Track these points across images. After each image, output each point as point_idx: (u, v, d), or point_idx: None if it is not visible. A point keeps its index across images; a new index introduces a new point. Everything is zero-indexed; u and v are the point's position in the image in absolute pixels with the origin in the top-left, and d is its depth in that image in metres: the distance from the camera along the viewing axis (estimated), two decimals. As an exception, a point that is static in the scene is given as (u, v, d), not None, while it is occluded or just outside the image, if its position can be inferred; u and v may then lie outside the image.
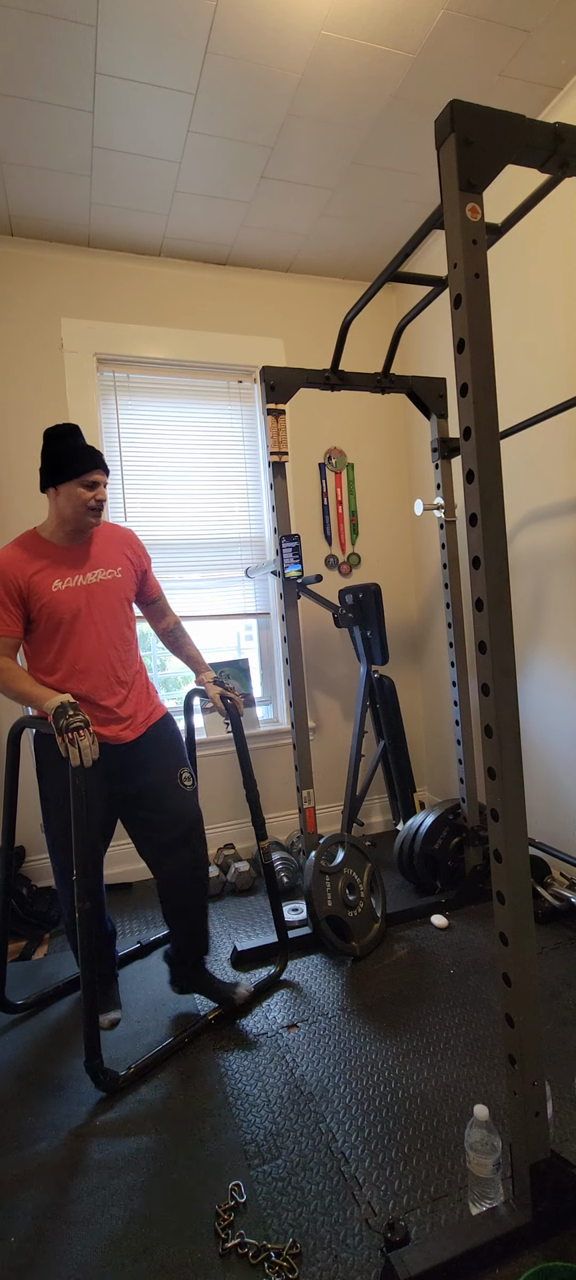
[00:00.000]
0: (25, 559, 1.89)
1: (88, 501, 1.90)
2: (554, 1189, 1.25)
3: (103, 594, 1.97)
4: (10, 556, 1.88)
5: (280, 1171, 1.47)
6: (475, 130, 1.21)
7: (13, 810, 2.06)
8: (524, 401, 2.80)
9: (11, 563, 1.87)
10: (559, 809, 2.76)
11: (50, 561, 1.91)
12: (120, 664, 2.00)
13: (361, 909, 2.40)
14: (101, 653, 1.95)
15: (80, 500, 1.89)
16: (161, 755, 2.04)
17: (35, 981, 2.35)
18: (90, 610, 1.93)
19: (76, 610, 1.91)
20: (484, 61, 2.37)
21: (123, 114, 2.42)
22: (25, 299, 3.10)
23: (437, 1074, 1.73)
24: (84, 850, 1.75)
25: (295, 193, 2.94)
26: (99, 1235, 1.35)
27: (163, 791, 2.00)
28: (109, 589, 1.98)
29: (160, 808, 2.00)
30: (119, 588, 2.01)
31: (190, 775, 2.08)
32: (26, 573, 1.87)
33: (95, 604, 1.95)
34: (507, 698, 1.22)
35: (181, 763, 2.08)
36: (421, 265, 3.43)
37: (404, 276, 2.14)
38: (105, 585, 1.98)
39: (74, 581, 1.92)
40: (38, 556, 1.91)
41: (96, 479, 1.91)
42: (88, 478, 1.89)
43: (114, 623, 1.99)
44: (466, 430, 1.23)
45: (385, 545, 3.79)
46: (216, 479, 3.50)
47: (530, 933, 1.24)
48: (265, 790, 3.47)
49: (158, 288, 3.33)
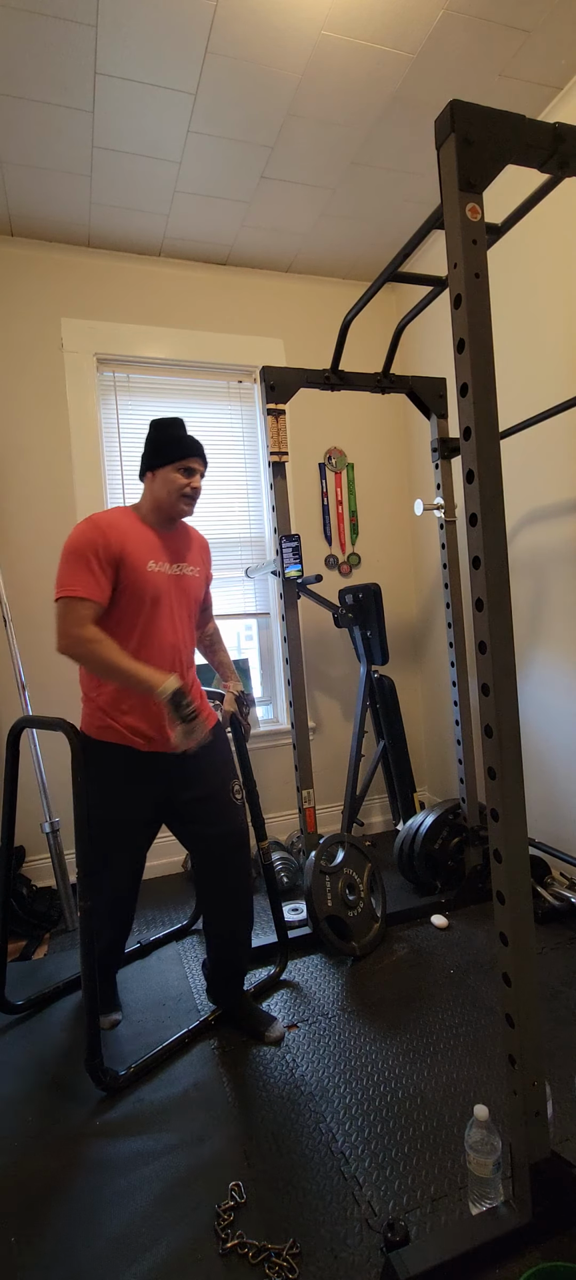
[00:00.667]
0: (126, 526, 1.83)
1: (183, 488, 1.87)
2: (554, 1189, 1.25)
3: (184, 588, 1.93)
4: (111, 520, 1.81)
5: (280, 1171, 1.47)
6: (475, 130, 1.21)
7: (13, 810, 2.06)
8: (524, 401, 2.80)
9: (112, 526, 1.78)
10: (559, 809, 2.76)
11: (147, 541, 1.86)
12: (185, 662, 1.93)
13: (361, 909, 2.40)
14: (172, 645, 1.88)
15: (176, 485, 1.86)
16: (213, 767, 1.95)
17: (35, 981, 2.35)
18: (171, 600, 1.88)
19: (159, 595, 1.84)
20: (484, 61, 2.37)
21: (123, 114, 2.42)
22: (25, 299, 3.10)
23: (437, 1074, 1.73)
24: (85, 850, 1.75)
25: (295, 193, 2.94)
26: (99, 1235, 1.35)
27: (215, 804, 1.93)
28: (189, 585, 1.96)
29: (212, 821, 1.92)
30: (196, 587, 1.99)
31: (240, 788, 2.02)
32: (125, 543, 1.78)
33: (176, 595, 1.90)
34: (507, 698, 1.22)
35: (232, 774, 2.01)
36: (421, 265, 3.43)
37: (404, 276, 2.14)
38: (188, 581, 1.95)
39: (164, 567, 1.88)
40: (136, 532, 1.85)
41: (194, 466, 1.88)
42: (186, 463, 1.86)
43: (187, 618, 1.95)
44: (466, 430, 1.23)
45: (385, 545, 3.79)
46: (216, 479, 3.49)
47: (530, 933, 1.24)
48: (265, 790, 3.47)
49: (158, 288, 3.33)
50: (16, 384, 3.08)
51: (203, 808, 1.92)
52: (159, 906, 2.91)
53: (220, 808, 1.93)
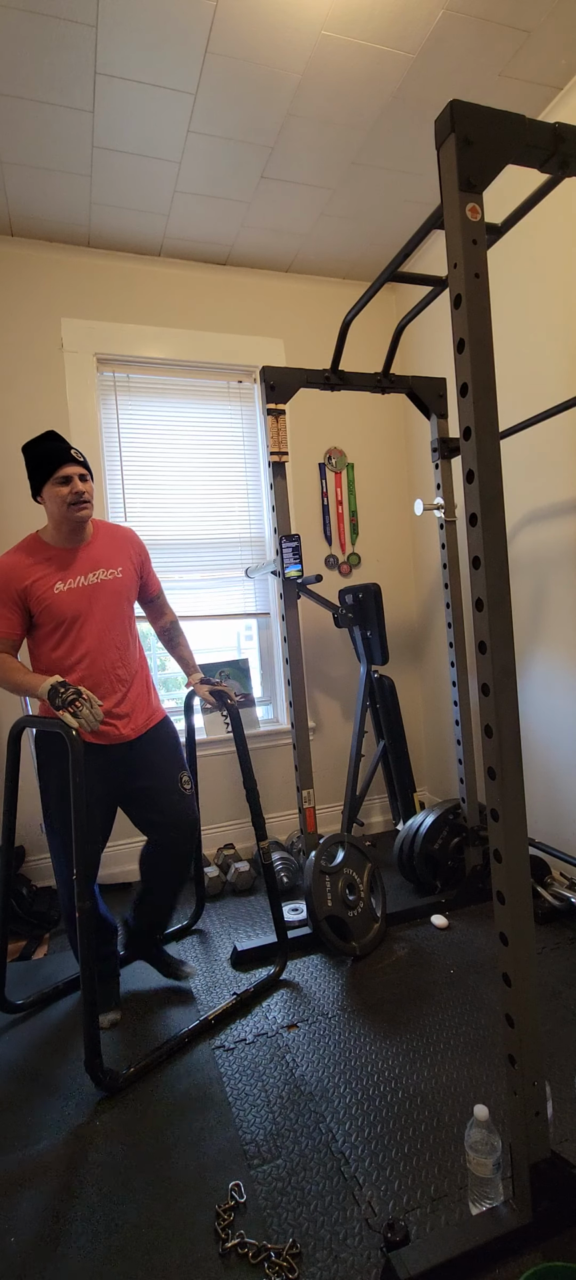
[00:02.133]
0: (28, 563, 1.93)
1: (66, 497, 1.91)
2: (554, 1189, 1.25)
3: (104, 594, 2.00)
4: (11, 563, 1.93)
5: (280, 1171, 1.47)
6: (475, 130, 1.21)
7: (13, 810, 2.06)
8: (524, 401, 2.80)
9: (12, 569, 1.92)
10: (559, 809, 2.76)
11: (52, 564, 1.95)
12: (120, 662, 2.04)
13: (361, 909, 2.40)
14: (102, 651, 1.98)
15: (59, 498, 1.92)
16: (161, 758, 2.09)
17: (35, 981, 2.35)
18: (91, 610, 1.97)
19: (78, 611, 1.95)
20: (484, 61, 2.37)
21: (123, 114, 2.42)
22: (25, 299, 3.10)
23: (437, 1074, 1.73)
24: (84, 850, 1.75)
25: (295, 193, 2.94)
26: (99, 1235, 1.35)
27: (163, 794, 2.07)
28: (110, 589, 2.02)
29: (161, 810, 2.07)
30: (120, 587, 2.05)
31: (189, 779, 2.15)
32: (27, 577, 1.91)
33: (97, 604, 1.98)
34: (507, 698, 1.22)
35: (181, 766, 2.13)
36: (421, 265, 3.43)
37: (404, 276, 2.14)
38: (106, 585, 2.01)
39: (76, 583, 1.96)
40: (40, 560, 1.95)
41: (67, 473, 1.91)
42: (58, 474, 1.91)
43: (115, 622, 2.02)
44: (466, 430, 1.23)
45: (385, 545, 3.79)
46: (216, 479, 3.50)
47: (530, 933, 1.24)
48: (265, 790, 3.47)
49: (158, 288, 3.33)
50: (17, 384, 3.08)
51: (152, 796, 2.06)
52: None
53: (169, 797, 2.07)
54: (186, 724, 2.65)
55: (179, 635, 2.32)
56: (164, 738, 2.12)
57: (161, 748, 2.10)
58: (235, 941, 2.50)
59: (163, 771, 2.08)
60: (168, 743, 2.12)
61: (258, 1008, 2.10)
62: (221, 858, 3.25)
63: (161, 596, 2.29)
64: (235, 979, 2.28)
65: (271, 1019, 2.04)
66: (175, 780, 2.09)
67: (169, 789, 2.07)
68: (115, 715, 2.00)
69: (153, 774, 2.06)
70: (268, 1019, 2.04)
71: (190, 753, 2.65)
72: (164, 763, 2.09)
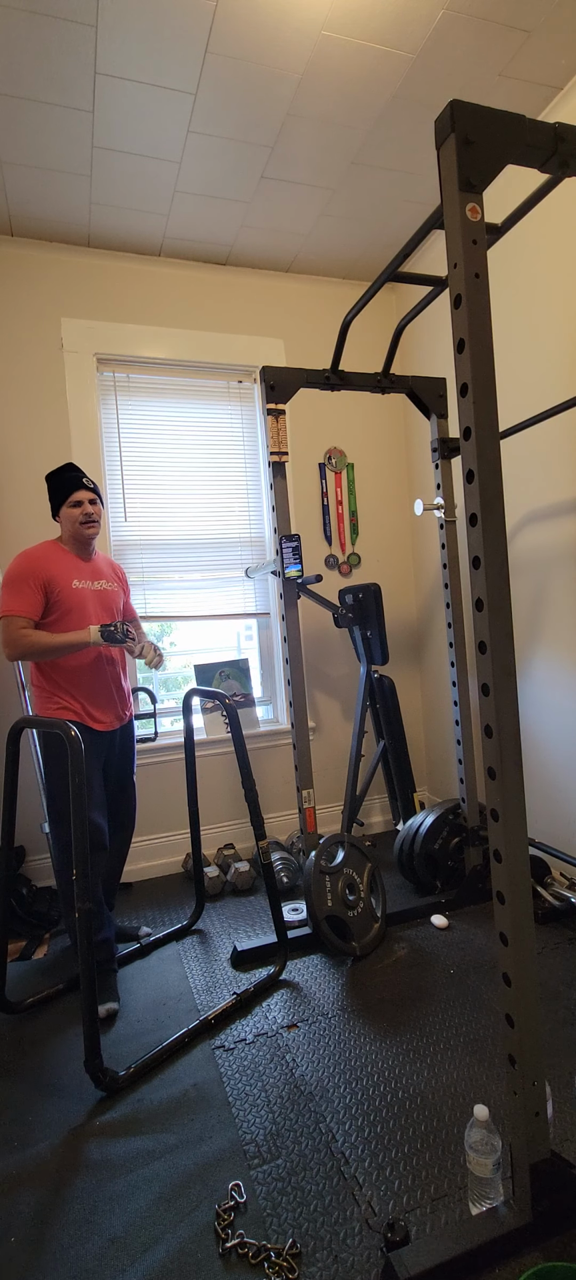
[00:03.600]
0: (52, 557, 2.29)
1: (77, 518, 2.30)
2: (554, 1189, 1.25)
3: (105, 598, 2.39)
4: (39, 553, 2.28)
5: (280, 1171, 1.47)
6: (475, 130, 1.21)
7: (13, 810, 2.06)
8: (524, 401, 2.80)
9: (40, 558, 2.26)
10: (559, 809, 2.77)
11: (70, 564, 2.32)
12: (119, 658, 2.43)
13: (361, 909, 2.40)
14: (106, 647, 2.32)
15: (72, 518, 2.31)
16: (130, 753, 2.50)
17: (35, 981, 2.35)
18: (95, 607, 2.33)
19: (84, 604, 2.29)
20: (484, 61, 2.37)
21: (123, 114, 2.42)
22: (25, 299, 3.10)
23: (437, 1074, 1.73)
24: (84, 850, 1.75)
25: (295, 193, 2.94)
26: (99, 1235, 1.35)
27: (126, 786, 2.49)
28: (109, 596, 2.41)
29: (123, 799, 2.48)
30: (114, 599, 2.44)
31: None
32: (52, 568, 2.25)
33: (99, 604, 2.35)
34: (507, 698, 1.22)
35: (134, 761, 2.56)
36: (421, 265, 3.44)
37: (404, 276, 2.14)
38: (107, 593, 2.41)
39: (86, 584, 2.33)
40: (61, 558, 2.31)
41: (79, 498, 2.29)
42: (71, 499, 2.29)
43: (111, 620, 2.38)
44: (466, 430, 1.23)
45: (385, 545, 3.79)
46: (216, 479, 3.50)
47: (530, 933, 1.24)
48: (265, 790, 3.48)
49: (158, 288, 3.33)
50: (16, 384, 3.08)
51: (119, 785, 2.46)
52: (159, 906, 2.92)
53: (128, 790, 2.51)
54: (185, 724, 2.65)
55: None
56: (131, 733, 2.52)
57: (132, 741, 2.52)
58: (235, 941, 2.50)
59: (129, 763, 2.49)
60: (133, 738, 2.54)
61: (257, 1008, 2.10)
62: (221, 858, 3.25)
63: (136, 623, 2.62)
64: (235, 979, 2.28)
65: (271, 1019, 2.04)
66: (132, 773, 2.52)
67: (129, 782, 2.50)
68: (120, 698, 2.39)
69: (123, 763, 2.46)
70: (267, 1019, 2.04)
71: (188, 752, 2.66)
72: (130, 757, 2.50)
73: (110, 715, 2.33)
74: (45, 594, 2.21)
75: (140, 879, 3.21)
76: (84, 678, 2.27)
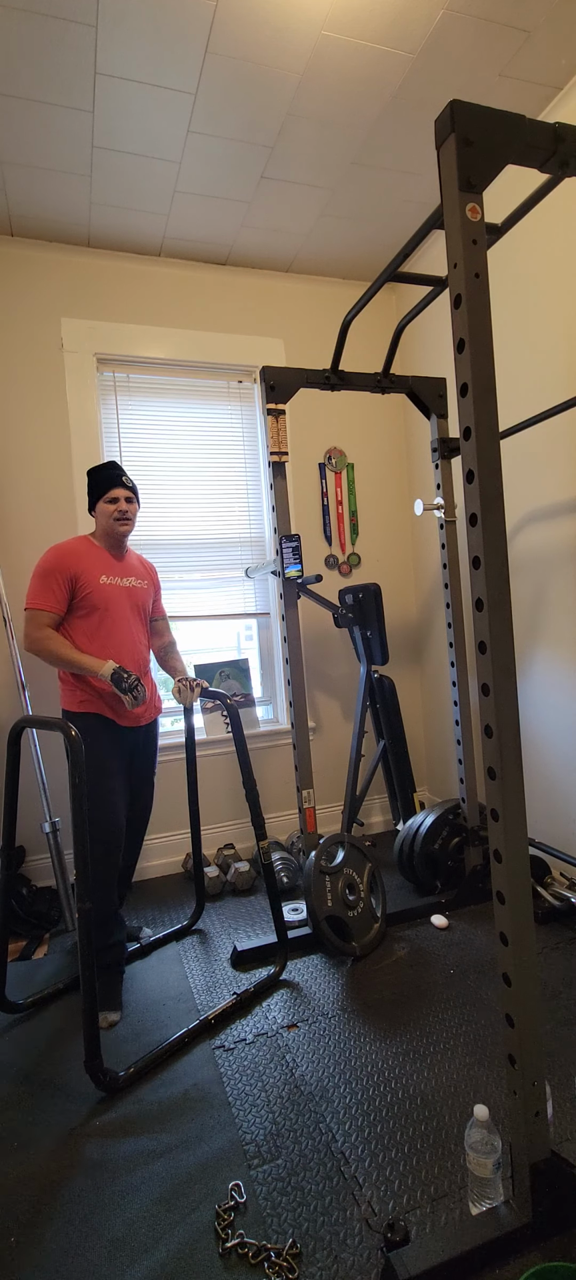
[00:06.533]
0: (81, 552, 2.31)
1: (112, 514, 2.32)
2: (554, 1189, 1.25)
3: (134, 595, 2.40)
4: (68, 548, 2.31)
5: (280, 1171, 1.47)
6: (475, 130, 1.21)
7: (13, 810, 2.06)
8: (524, 401, 2.80)
9: (68, 553, 2.28)
10: (559, 809, 2.77)
11: (100, 560, 2.33)
12: (145, 655, 2.43)
13: (361, 909, 2.40)
14: (130, 638, 2.33)
15: (107, 513, 2.33)
16: (153, 751, 2.50)
17: (35, 981, 2.35)
18: (122, 604, 2.34)
19: (112, 601, 2.30)
20: (484, 61, 2.36)
21: (123, 114, 2.42)
22: (25, 299, 3.10)
23: (437, 1074, 1.73)
24: (83, 850, 1.75)
25: (295, 193, 2.94)
26: (99, 1236, 1.35)
27: (146, 786, 2.49)
28: (139, 594, 2.43)
29: (143, 796, 2.48)
30: (144, 596, 2.46)
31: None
32: (80, 564, 2.26)
33: (128, 601, 2.37)
34: (507, 698, 1.22)
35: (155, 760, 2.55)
36: (421, 265, 3.43)
37: (404, 276, 2.14)
38: (137, 591, 2.42)
39: (115, 580, 2.34)
40: (90, 554, 2.32)
41: (115, 495, 2.31)
42: (108, 495, 2.32)
43: (139, 619, 2.41)
44: (466, 430, 1.23)
45: (385, 545, 3.79)
46: (216, 479, 3.50)
47: (530, 933, 1.24)
48: (265, 790, 3.48)
49: (158, 288, 3.33)
50: (16, 384, 3.08)
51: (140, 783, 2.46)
52: (159, 906, 2.92)
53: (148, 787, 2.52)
54: (186, 724, 2.66)
55: (174, 651, 2.64)
56: (156, 732, 2.52)
57: (155, 740, 2.51)
58: (235, 941, 2.50)
59: (151, 760, 2.49)
60: (157, 737, 2.53)
61: (258, 1008, 2.10)
62: (221, 858, 3.25)
63: (165, 621, 2.63)
64: (235, 979, 2.28)
65: (271, 1019, 2.04)
66: (153, 772, 2.52)
67: (150, 780, 2.51)
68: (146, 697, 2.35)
69: (146, 760, 2.46)
70: (267, 1019, 2.04)
71: (189, 752, 2.66)
72: (153, 754, 2.51)
73: (136, 711, 2.32)
74: (71, 589, 2.23)
75: (140, 879, 3.21)
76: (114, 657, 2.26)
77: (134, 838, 2.51)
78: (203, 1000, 2.16)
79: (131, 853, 2.52)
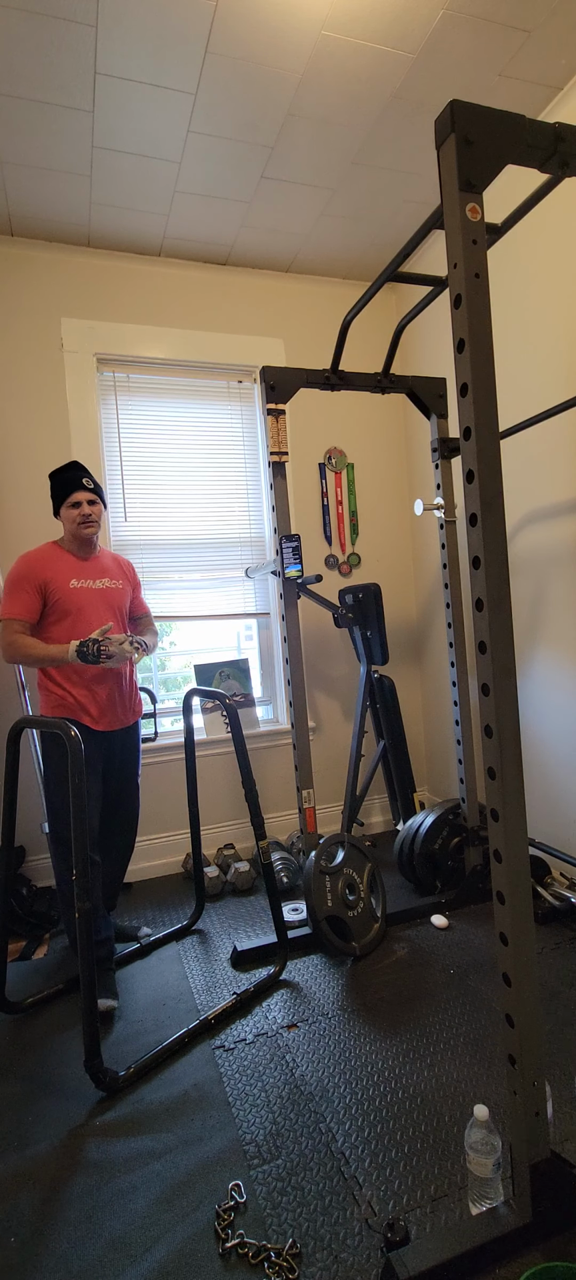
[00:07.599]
0: (50, 559, 2.32)
1: (75, 518, 2.33)
2: (554, 1189, 1.25)
3: (109, 596, 2.39)
4: (36, 556, 2.32)
5: (280, 1171, 1.47)
6: (475, 130, 1.21)
7: (13, 810, 2.06)
8: (524, 401, 2.80)
9: (37, 560, 2.31)
10: (559, 809, 2.77)
11: (68, 565, 2.34)
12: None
13: (361, 909, 2.40)
14: None
15: (70, 518, 2.34)
16: (134, 755, 2.50)
17: (35, 981, 2.35)
18: (96, 606, 2.34)
19: (86, 605, 2.31)
20: (484, 61, 2.36)
21: (123, 114, 2.42)
22: (25, 299, 3.10)
23: (437, 1074, 1.73)
24: (83, 850, 1.75)
25: (295, 193, 2.94)
26: (99, 1235, 1.35)
27: (129, 789, 2.50)
28: (114, 595, 2.42)
29: (124, 802, 2.49)
30: (121, 596, 2.45)
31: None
32: (49, 570, 2.29)
33: (103, 602, 2.36)
34: (507, 698, 1.22)
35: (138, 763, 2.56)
36: (421, 265, 3.43)
37: (404, 276, 2.14)
38: (112, 591, 2.41)
39: (86, 584, 2.34)
40: (58, 560, 2.33)
41: (77, 499, 2.32)
42: (69, 500, 2.32)
43: (116, 619, 2.39)
44: (466, 430, 1.23)
45: (385, 545, 3.79)
46: (216, 479, 3.50)
47: (530, 933, 1.24)
48: (265, 790, 3.48)
49: (158, 288, 3.33)
50: (16, 384, 3.08)
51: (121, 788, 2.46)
52: (159, 906, 2.92)
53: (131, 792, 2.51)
54: (185, 724, 2.65)
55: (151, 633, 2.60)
56: (136, 735, 2.52)
57: (136, 742, 2.52)
58: (235, 941, 2.50)
59: (134, 762, 2.50)
60: (139, 739, 2.54)
61: (258, 1008, 2.10)
62: (221, 858, 3.25)
63: (148, 617, 2.64)
64: (235, 979, 2.28)
65: (271, 1019, 2.04)
66: (137, 773, 2.52)
67: (132, 785, 2.51)
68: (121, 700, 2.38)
69: (127, 762, 2.46)
70: (267, 1019, 2.04)
71: (189, 752, 2.66)
72: (135, 756, 2.51)
73: (110, 715, 2.33)
74: (43, 596, 2.25)
75: (140, 879, 3.21)
76: (86, 674, 2.27)
77: (123, 846, 2.53)
78: (202, 1000, 2.16)
79: (120, 860, 2.54)
